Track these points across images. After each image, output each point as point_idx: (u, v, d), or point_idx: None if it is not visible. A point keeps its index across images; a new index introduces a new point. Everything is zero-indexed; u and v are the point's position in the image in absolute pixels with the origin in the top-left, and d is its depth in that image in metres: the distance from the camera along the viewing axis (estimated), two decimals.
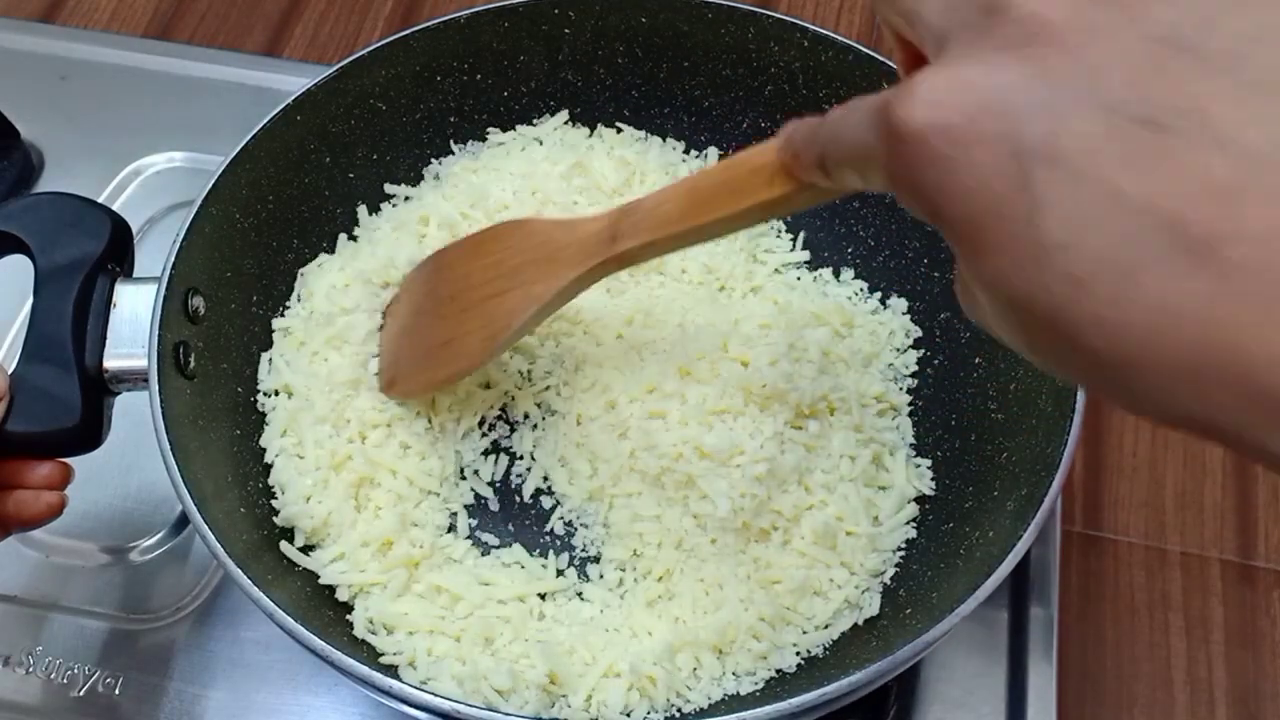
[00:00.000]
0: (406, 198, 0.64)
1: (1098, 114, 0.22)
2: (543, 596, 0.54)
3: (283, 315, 0.60)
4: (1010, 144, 0.23)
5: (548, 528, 0.57)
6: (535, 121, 0.66)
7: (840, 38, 0.59)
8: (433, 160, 0.65)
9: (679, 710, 0.50)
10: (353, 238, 0.63)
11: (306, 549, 0.53)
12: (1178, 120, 0.21)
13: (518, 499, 0.57)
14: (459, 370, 0.53)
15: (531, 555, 0.55)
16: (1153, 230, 0.21)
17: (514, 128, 0.65)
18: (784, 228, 0.65)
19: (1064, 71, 0.23)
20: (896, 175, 0.25)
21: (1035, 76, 0.23)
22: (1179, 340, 0.21)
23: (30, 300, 0.51)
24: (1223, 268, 0.21)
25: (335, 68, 0.59)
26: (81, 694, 0.58)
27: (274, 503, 0.54)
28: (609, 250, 0.46)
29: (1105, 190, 0.22)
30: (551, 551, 0.56)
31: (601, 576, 0.54)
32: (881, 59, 0.57)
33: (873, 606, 0.53)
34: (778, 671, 0.51)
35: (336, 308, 0.59)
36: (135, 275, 0.54)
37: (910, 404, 0.60)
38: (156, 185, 0.76)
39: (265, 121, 0.56)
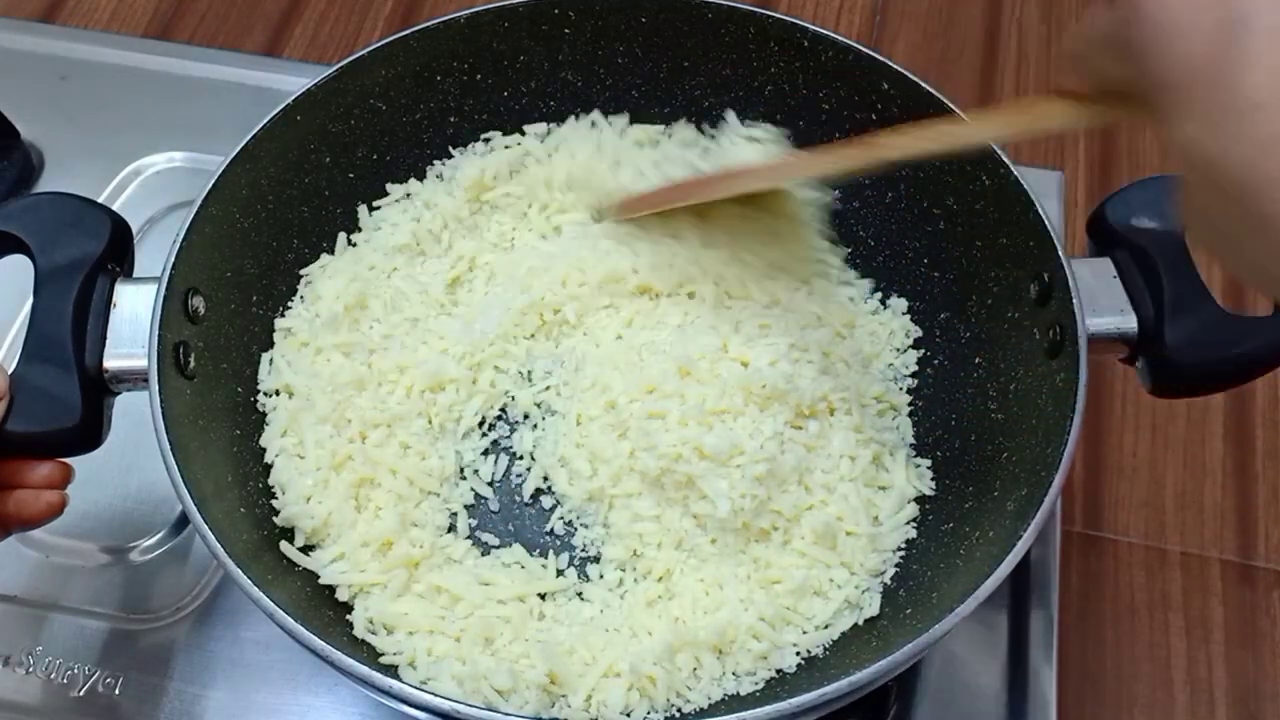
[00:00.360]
0: (408, 194, 0.64)
1: None
2: (543, 596, 0.54)
3: (284, 315, 0.60)
4: (1225, 13, 0.26)
5: (548, 527, 0.57)
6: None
7: (840, 37, 0.59)
8: (435, 162, 0.65)
9: (679, 710, 0.50)
10: (352, 242, 0.63)
11: (306, 549, 0.53)
12: None
13: (518, 499, 0.58)
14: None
15: (531, 555, 0.55)
16: None
17: (519, 130, 0.66)
18: None
19: None
20: (1133, 42, 0.29)
21: None
22: None
23: (30, 300, 0.51)
24: None
25: (335, 68, 0.59)
26: (81, 694, 0.58)
27: (274, 503, 0.54)
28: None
29: None
30: (551, 551, 0.56)
31: (601, 576, 0.55)
32: (881, 59, 0.57)
33: (873, 606, 0.53)
34: (778, 671, 0.51)
35: (342, 308, 0.59)
36: (135, 275, 0.54)
37: (910, 404, 0.60)
38: (156, 185, 0.76)
39: (265, 121, 0.56)
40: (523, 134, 0.65)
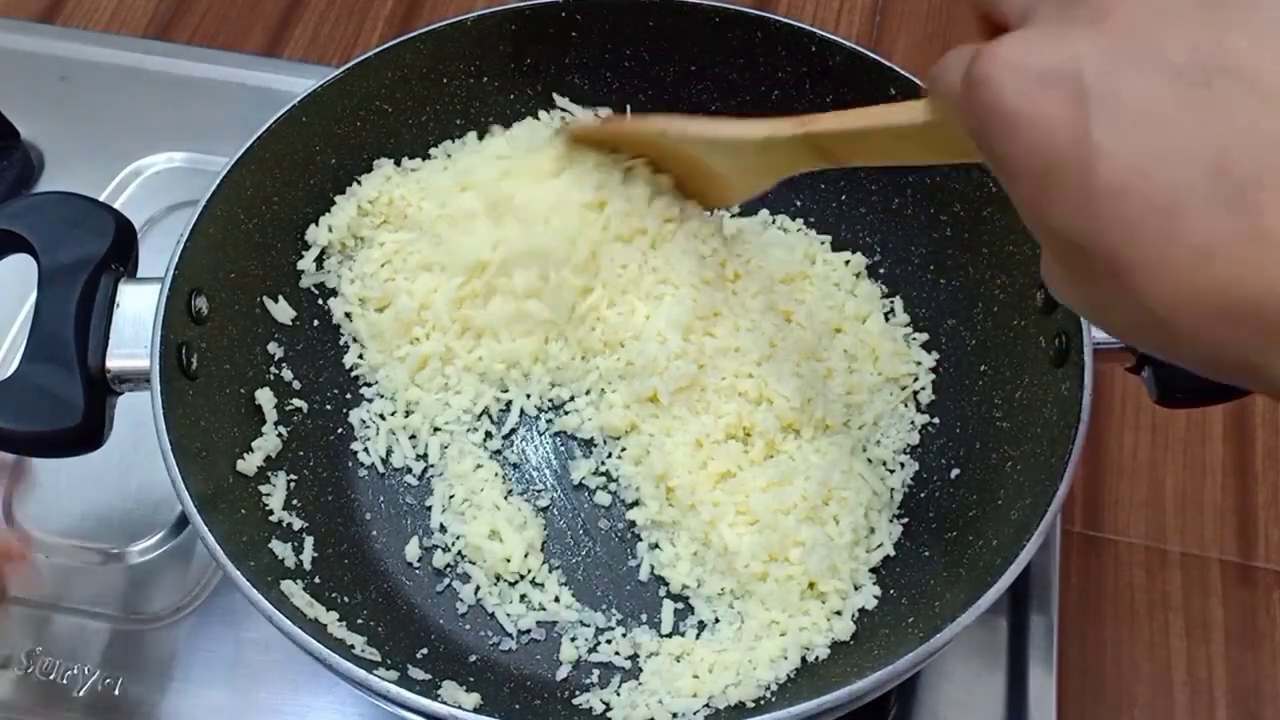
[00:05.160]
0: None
1: (1157, 76, 0.25)
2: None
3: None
4: (1075, 97, 0.25)
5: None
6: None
7: (848, 43, 0.59)
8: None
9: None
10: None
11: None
12: (1226, 78, 0.24)
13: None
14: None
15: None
16: (1198, 176, 0.24)
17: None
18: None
19: (1129, 42, 0.25)
20: (971, 120, 0.28)
21: (1104, 45, 0.25)
22: (1219, 276, 0.23)
23: (33, 299, 0.51)
24: (1260, 208, 0.23)
25: (342, 69, 0.59)
26: (81, 694, 0.58)
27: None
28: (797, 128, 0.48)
29: (1155, 141, 0.24)
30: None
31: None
32: (888, 65, 0.58)
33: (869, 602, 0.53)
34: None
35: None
36: (138, 275, 0.54)
37: (915, 412, 0.60)
38: (156, 185, 0.75)
39: (271, 122, 0.56)
40: None
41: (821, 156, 0.48)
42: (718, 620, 0.53)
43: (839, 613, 0.53)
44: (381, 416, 0.60)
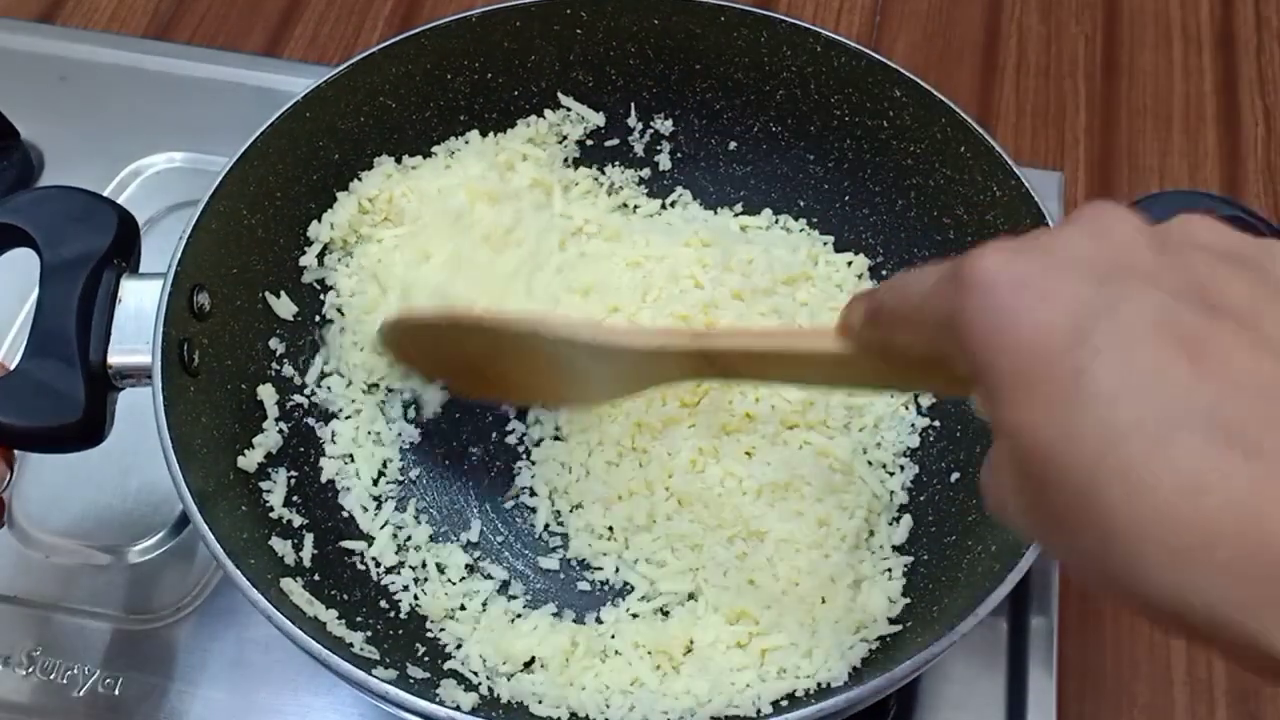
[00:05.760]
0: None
1: (1162, 301, 0.24)
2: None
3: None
4: (1078, 305, 0.24)
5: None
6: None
7: (854, 44, 0.59)
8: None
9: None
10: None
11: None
12: (1227, 317, 0.24)
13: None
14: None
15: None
16: (1195, 409, 0.23)
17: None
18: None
19: (1121, 265, 0.25)
20: (959, 317, 0.27)
21: (1096, 265, 0.25)
22: (1202, 509, 0.22)
23: (35, 294, 0.50)
24: (1257, 451, 0.22)
25: (347, 64, 0.58)
26: (81, 694, 0.57)
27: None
28: (692, 343, 0.45)
29: (1155, 365, 0.23)
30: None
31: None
32: (893, 65, 0.58)
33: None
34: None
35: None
36: (139, 272, 0.54)
37: (916, 415, 0.60)
38: (156, 185, 0.75)
39: (275, 118, 0.56)
40: None
41: (714, 371, 0.45)
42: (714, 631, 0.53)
43: (838, 620, 0.53)
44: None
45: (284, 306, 0.59)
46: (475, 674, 0.51)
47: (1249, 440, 0.22)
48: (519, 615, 0.54)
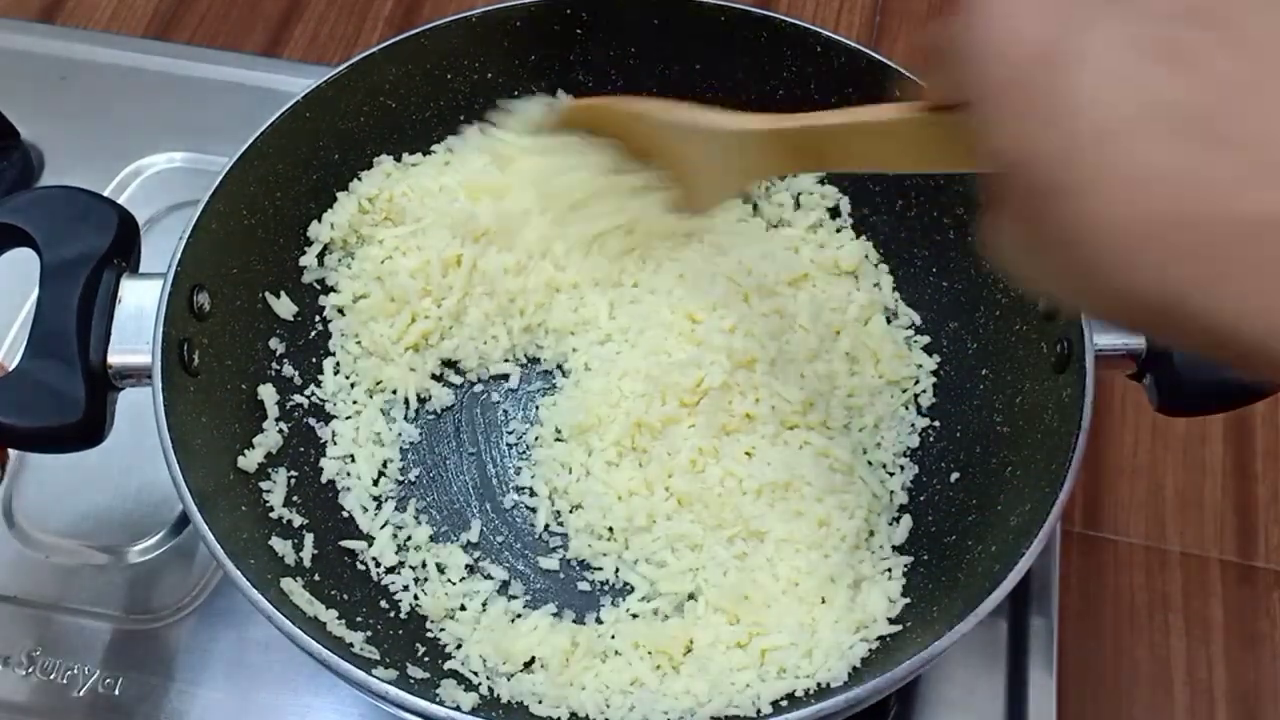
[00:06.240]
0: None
1: (1139, 21, 0.25)
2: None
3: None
4: (1062, 17, 0.26)
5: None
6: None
7: (853, 44, 0.59)
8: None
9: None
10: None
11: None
12: (1198, 24, 0.24)
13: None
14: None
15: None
16: (1166, 105, 0.24)
17: None
18: None
19: None
20: (964, 37, 0.28)
21: None
22: (1158, 196, 0.24)
23: (35, 294, 0.50)
24: (1222, 141, 0.23)
25: (347, 64, 0.58)
26: (81, 694, 0.58)
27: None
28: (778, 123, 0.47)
29: (1135, 69, 0.25)
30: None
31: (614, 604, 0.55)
32: (893, 65, 0.58)
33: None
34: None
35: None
36: (140, 272, 0.54)
37: (916, 415, 0.60)
38: (156, 185, 0.75)
39: (275, 118, 0.56)
40: None
41: (801, 158, 0.47)
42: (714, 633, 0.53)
43: (838, 620, 0.53)
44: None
45: (284, 306, 0.59)
46: (475, 674, 0.51)
47: (1215, 131, 0.23)
48: (519, 615, 0.54)
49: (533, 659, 0.52)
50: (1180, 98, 0.24)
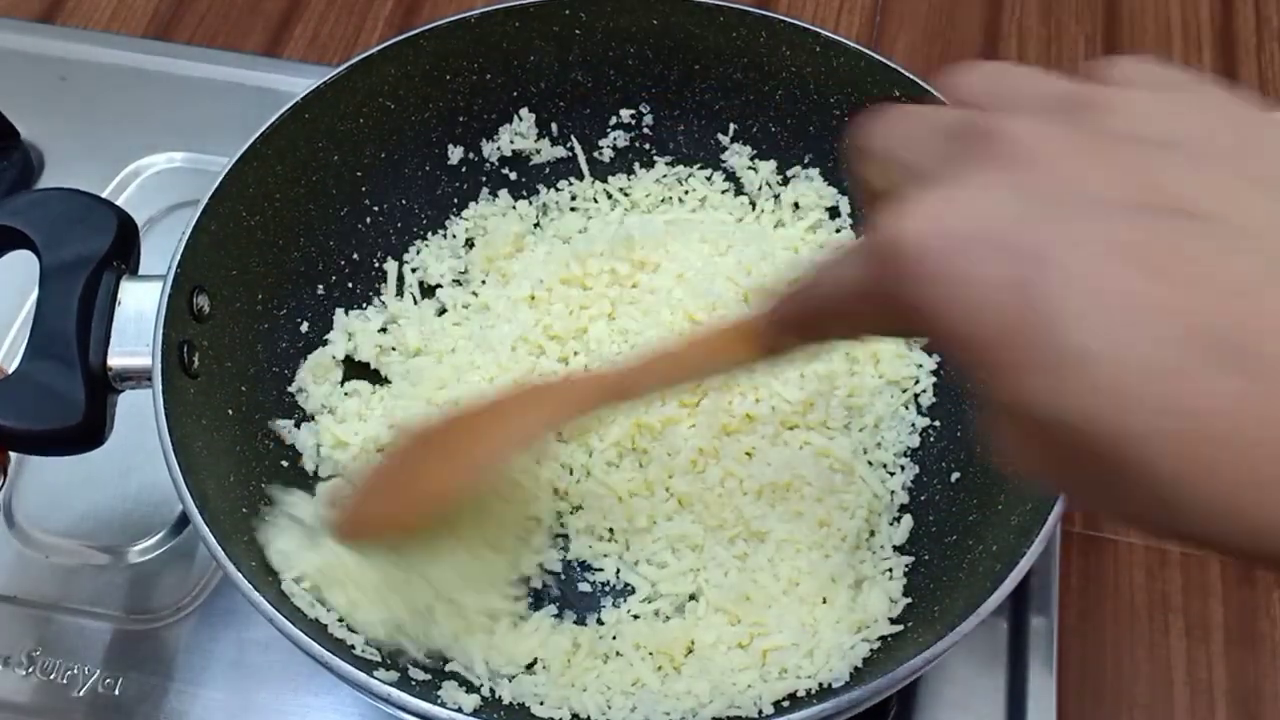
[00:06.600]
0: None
1: (1091, 217, 0.21)
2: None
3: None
4: (1009, 251, 0.22)
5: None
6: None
7: (853, 44, 0.59)
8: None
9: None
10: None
11: None
12: (1177, 217, 0.21)
13: None
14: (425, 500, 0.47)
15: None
16: (1179, 331, 0.20)
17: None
18: None
19: (1046, 183, 0.22)
20: (902, 301, 0.23)
21: (1020, 190, 0.22)
22: (1218, 438, 0.20)
23: (34, 296, 0.50)
24: (1256, 365, 0.20)
25: (345, 65, 0.58)
26: (81, 694, 0.58)
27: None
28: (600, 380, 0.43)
29: (1116, 293, 0.21)
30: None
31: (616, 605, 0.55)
32: (893, 65, 0.58)
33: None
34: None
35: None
36: (140, 274, 0.54)
37: (917, 415, 0.60)
38: (156, 185, 0.75)
39: (274, 119, 0.56)
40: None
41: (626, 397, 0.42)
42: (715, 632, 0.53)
43: (839, 621, 0.53)
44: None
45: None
46: (477, 675, 0.51)
47: (1247, 355, 0.20)
48: (520, 617, 0.54)
49: (534, 660, 0.52)
50: (1197, 321, 0.20)
